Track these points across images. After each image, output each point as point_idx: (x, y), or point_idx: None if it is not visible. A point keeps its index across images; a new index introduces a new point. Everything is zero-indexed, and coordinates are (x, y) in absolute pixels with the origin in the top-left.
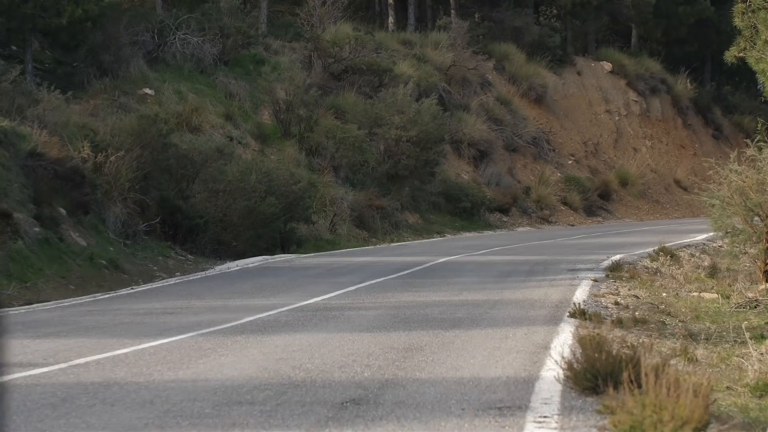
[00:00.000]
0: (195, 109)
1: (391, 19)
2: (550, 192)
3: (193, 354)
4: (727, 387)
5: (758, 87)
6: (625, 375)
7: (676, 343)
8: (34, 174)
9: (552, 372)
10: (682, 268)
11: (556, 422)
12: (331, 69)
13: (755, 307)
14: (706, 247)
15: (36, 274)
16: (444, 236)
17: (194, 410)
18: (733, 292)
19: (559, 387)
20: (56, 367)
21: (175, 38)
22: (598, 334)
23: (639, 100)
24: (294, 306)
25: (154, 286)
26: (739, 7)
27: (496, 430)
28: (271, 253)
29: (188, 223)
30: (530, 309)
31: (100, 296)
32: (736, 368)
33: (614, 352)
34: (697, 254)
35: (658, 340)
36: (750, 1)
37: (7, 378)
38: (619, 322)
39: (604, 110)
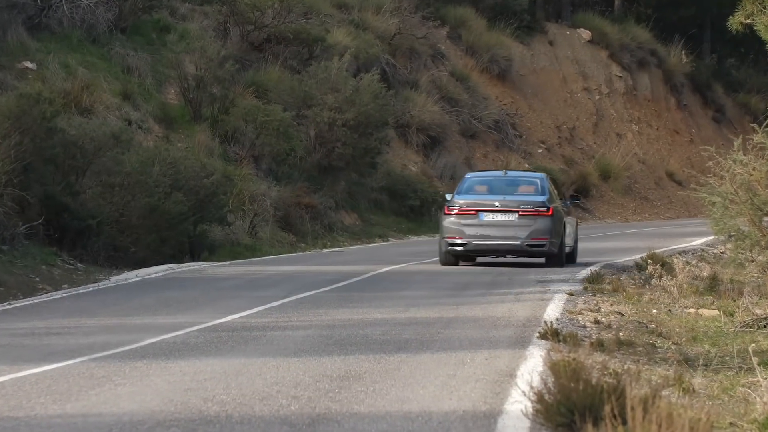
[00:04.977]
0: (86, 86)
1: None
2: None
3: (83, 383)
4: (731, 423)
5: None
6: (607, 408)
7: (668, 370)
8: None
9: (519, 405)
10: (675, 280)
11: None
12: (250, 38)
13: (764, 327)
14: (705, 254)
15: None
16: (387, 240)
17: None
18: (738, 308)
19: (527, 423)
20: None
21: (61, 1)
22: (574, 360)
23: (624, 76)
24: (206, 325)
25: (36, 300)
26: None
27: None
28: (178, 261)
29: (78, 224)
30: (492, 329)
31: None
32: (742, 400)
33: (594, 380)
34: (693, 262)
35: (646, 367)
36: None
37: None
38: (599, 345)
39: (582, 88)
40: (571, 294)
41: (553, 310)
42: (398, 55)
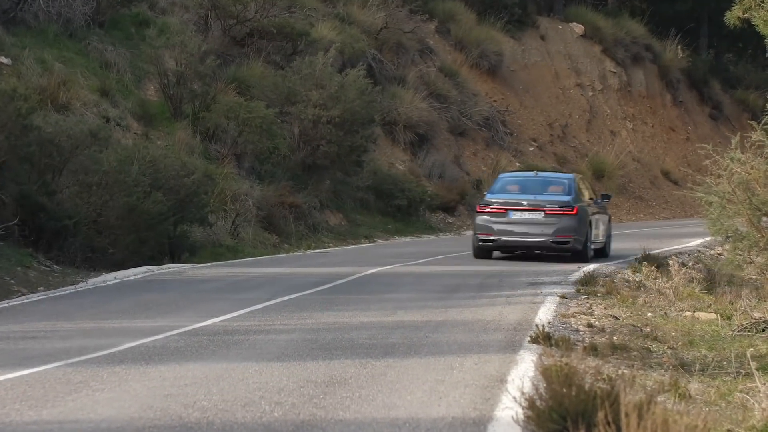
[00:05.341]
0: (62, 82)
1: None
2: None
3: (60, 389)
4: (728, 430)
5: (766, 55)
6: (600, 415)
7: (664, 375)
8: None
9: (509, 411)
10: (671, 282)
11: None
12: (232, 32)
13: (763, 330)
14: (702, 255)
15: None
16: (374, 241)
17: None
18: (736, 311)
19: (518, 430)
20: None
21: None
22: (566, 364)
23: (618, 72)
24: (186, 329)
25: (11, 303)
26: None
27: None
28: (158, 262)
29: (54, 225)
30: (482, 332)
31: None
32: (740, 406)
33: (587, 386)
34: (690, 264)
35: (641, 372)
36: None
37: None
38: (593, 349)
39: (575, 84)
40: (563, 297)
41: (544, 314)
42: (385, 50)
